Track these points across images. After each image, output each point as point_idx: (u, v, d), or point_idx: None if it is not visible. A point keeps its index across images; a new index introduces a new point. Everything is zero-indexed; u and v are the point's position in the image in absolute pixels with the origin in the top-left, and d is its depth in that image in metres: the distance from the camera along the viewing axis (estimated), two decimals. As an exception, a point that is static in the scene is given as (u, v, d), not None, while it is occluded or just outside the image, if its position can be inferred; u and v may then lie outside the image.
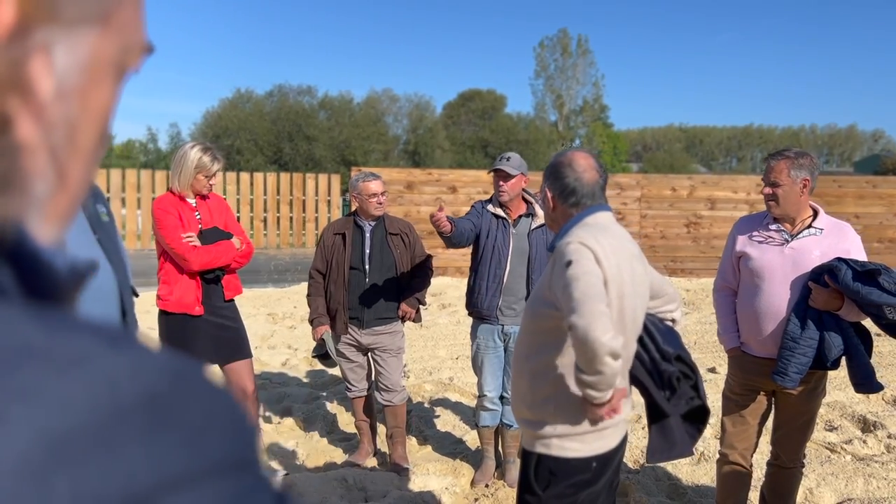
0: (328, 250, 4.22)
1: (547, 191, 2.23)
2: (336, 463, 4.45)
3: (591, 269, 2.01)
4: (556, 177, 2.21)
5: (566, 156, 2.25)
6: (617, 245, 2.12)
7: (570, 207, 2.20)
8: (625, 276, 2.09)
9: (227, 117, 39.74)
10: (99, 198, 3.03)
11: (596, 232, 2.12)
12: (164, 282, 3.75)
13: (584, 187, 2.19)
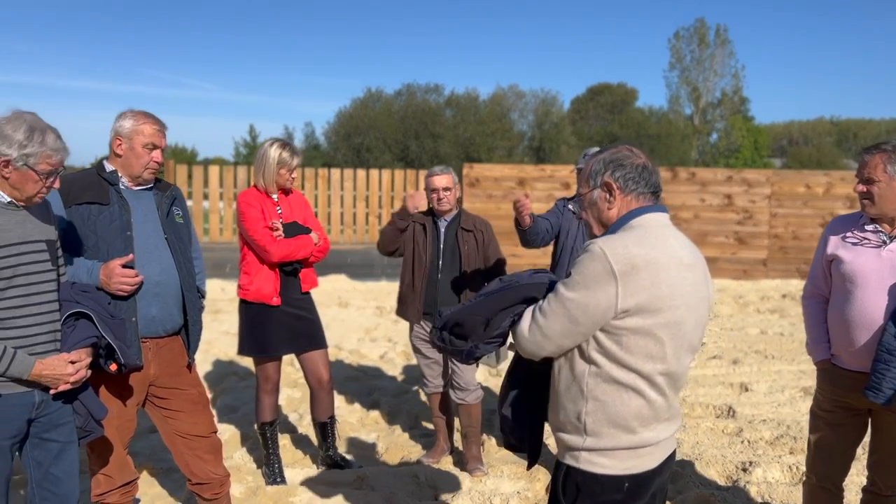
0: (408, 237, 4.21)
1: (609, 181, 2.04)
2: (412, 459, 4.45)
3: (592, 278, 1.89)
4: (619, 163, 2.04)
5: (619, 146, 2.10)
6: (657, 252, 1.94)
7: (638, 198, 2.03)
8: (663, 288, 1.91)
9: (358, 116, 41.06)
10: (177, 201, 3.18)
11: (629, 237, 1.94)
12: (245, 272, 3.90)
13: (651, 174, 2.04)
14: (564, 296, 1.92)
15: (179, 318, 3.08)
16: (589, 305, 1.88)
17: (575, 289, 1.90)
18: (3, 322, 2.36)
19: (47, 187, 2.44)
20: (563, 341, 1.95)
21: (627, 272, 1.87)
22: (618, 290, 1.87)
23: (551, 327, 1.95)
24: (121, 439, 3.01)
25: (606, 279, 1.87)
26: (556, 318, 1.93)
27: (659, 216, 2.03)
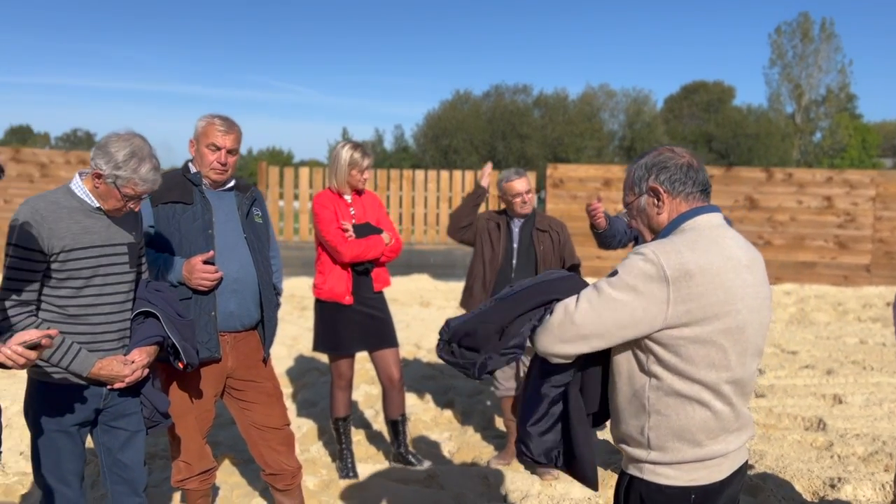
0: (482, 231, 4.22)
1: (655, 186, 1.98)
2: (483, 460, 4.45)
3: (633, 285, 1.82)
4: (662, 165, 1.98)
5: (661, 148, 2.03)
6: (712, 256, 1.86)
7: (686, 199, 1.96)
8: (720, 293, 1.83)
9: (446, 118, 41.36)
10: (257, 202, 3.31)
11: (680, 241, 1.86)
12: (320, 272, 4.01)
13: (697, 173, 1.96)
14: (609, 294, 1.83)
15: (256, 314, 3.20)
16: (636, 309, 1.81)
17: (622, 289, 1.82)
18: (75, 319, 2.50)
19: (126, 208, 2.54)
20: (597, 342, 1.86)
21: (680, 278, 1.80)
22: (669, 296, 1.80)
23: (588, 325, 1.83)
24: (199, 429, 3.15)
25: (658, 284, 1.80)
26: (596, 316, 1.83)
27: (712, 217, 1.95)
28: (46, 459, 2.55)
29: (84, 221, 2.50)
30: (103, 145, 2.48)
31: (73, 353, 2.45)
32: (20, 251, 2.41)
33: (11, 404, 5.11)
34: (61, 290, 2.47)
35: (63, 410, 2.52)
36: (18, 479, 3.96)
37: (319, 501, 3.77)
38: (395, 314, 8.94)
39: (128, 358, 2.57)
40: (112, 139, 2.49)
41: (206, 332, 3.01)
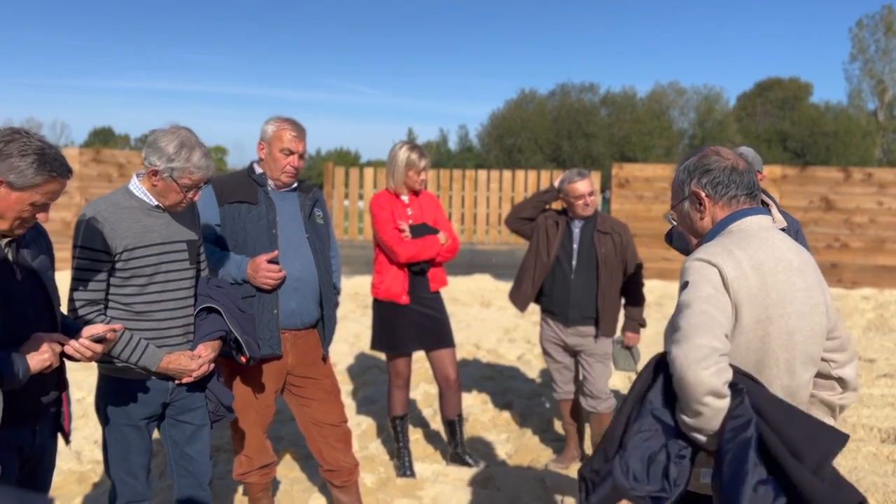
0: (540, 227, 4.19)
1: (696, 190, 1.94)
2: (540, 463, 4.41)
3: (708, 295, 1.74)
4: (705, 168, 1.93)
5: (706, 149, 1.98)
6: (763, 257, 1.80)
7: (729, 202, 1.91)
8: (772, 295, 1.77)
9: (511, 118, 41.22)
10: (318, 203, 3.38)
11: (732, 244, 1.81)
12: (377, 272, 4.06)
13: (741, 176, 1.91)
14: (697, 308, 1.74)
15: (316, 313, 3.26)
16: (710, 301, 1.75)
17: (698, 304, 1.74)
18: (141, 315, 2.59)
19: (187, 199, 2.62)
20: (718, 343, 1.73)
21: (737, 278, 1.76)
22: (731, 298, 1.76)
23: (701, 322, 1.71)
24: (260, 423, 3.23)
25: (719, 289, 1.76)
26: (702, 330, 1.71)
27: (760, 219, 1.89)
28: (115, 452, 2.66)
29: (144, 220, 2.59)
30: (152, 143, 2.57)
31: (141, 348, 2.54)
32: (86, 252, 2.51)
33: (87, 395, 5.35)
34: (126, 288, 2.57)
35: (132, 405, 2.61)
36: (92, 468, 4.14)
37: (377, 499, 3.81)
38: (456, 314, 8.96)
39: (194, 353, 2.65)
40: (159, 135, 2.58)
41: (267, 330, 3.08)
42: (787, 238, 1.91)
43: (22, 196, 2.04)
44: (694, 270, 1.79)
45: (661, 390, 1.78)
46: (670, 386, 1.76)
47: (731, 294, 1.76)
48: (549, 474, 4.13)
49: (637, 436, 1.75)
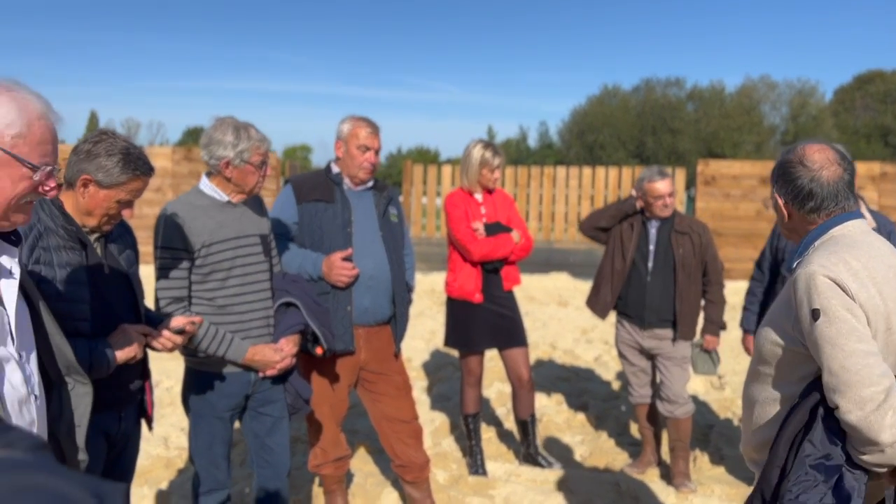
0: (614, 231, 4.10)
1: (777, 197, 1.87)
2: (615, 467, 4.33)
3: (851, 329, 1.64)
4: (786, 178, 1.84)
5: (796, 151, 1.87)
6: (874, 264, 1.70)
7: (809, 214, 1.82)
8: (890, 304, 1.67)
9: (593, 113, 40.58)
10: (393, 201, 3.42)
11: (844, 252, 1.71)
12: (451, 270, 4.07)
13: (823, 188, 1.80)
14: (848, 348, 1.64)
15: (389, 310, 3.30)
16: (855, 332, 1.66)
17: (848, 344, 1.65)
18: (223, 309, 2.69)
19: (262, 176, 2.73)
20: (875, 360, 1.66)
21: (859, 290, 1.67)
22: (863, 313, 1.67)
23: (857, 365, 1.63)
24: (334, 417, 3.30)
25: (855, 312, 1.66)
26: (865, 375, 1.62)
27: (859, 223, 1.79)
28: (199, 441, 2.76)
29: (218, 217, 2.69)
30: (210, 139, 2.68)
31: (227, 341, 2.63)
32: (167, 251, 2.63)
33: (175, 384, 5.59)
34: (208, 283, 2.67)
35: (216, 397, 2.72)
36: (178, 454, 4.32)
37: (448, 496, 3.82)
38: (532, 313, 8.89)
39: (277, 346, 2.73)
40: (211, 132, 2.69)
41: (341, 326, 3.14)
42: (885, 241, 1.80)
43: (109, 194, 2.14)
44: (821, 294, 1.68)
45: (822, 436, 1.69)
46: (830, 425, 1.69)
47: (861, 309, 1.67)
48: (624, 479, 4.04)
49: (795, 487, 1.68)
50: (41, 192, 1.50)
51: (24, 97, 1.46)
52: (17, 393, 1.53)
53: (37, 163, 1.47)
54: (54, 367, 1.73)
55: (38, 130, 1.47)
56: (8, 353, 1.51)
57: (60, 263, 2.11)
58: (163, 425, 4.77)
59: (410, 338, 7.33)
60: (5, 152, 1.43)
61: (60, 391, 1.76)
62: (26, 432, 0.86)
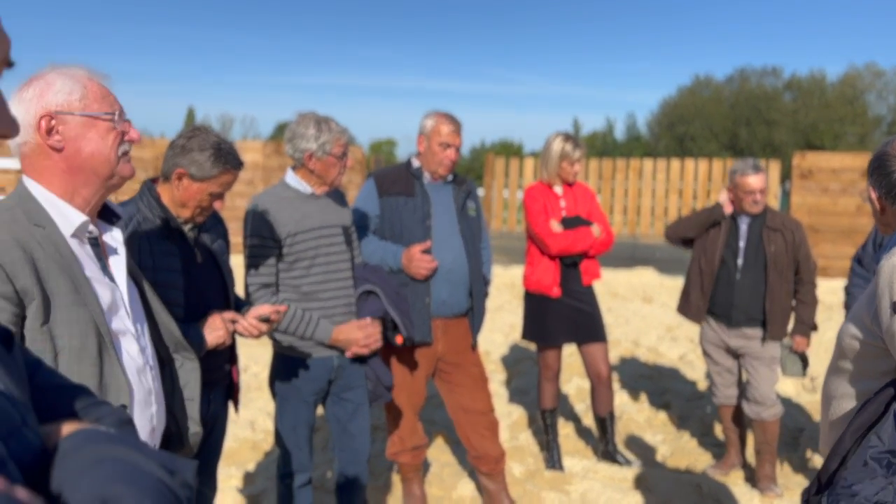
0: (702, 236, 3.98)
1: (871, 190, 1.78)
2: (697, 468, 4.22)
3: None
4: (881, 171, 1.75)
5: (894, 143, 1.77)
6: None
7: None
8: None
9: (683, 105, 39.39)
10: (471, 195, 3.46)
11: None
12: (529, 263, 4.06)
13: None
14: None
15: (466, 302, 3.34)
16: None
17: None
18: (308, 295, 2.79)
19: (343, 167, 2.83)
20: None
21: None
22: None
23: None
24: (412, 406, 3.36)
25: None
26: None
27: None
28: (285, 424, 2.88)
29: (302, 208, 2.80)
30: (294, 133, 2.80)
31: (314, 323, 2.76)
32: (255, 240, 2.76)
33: (263, 370, 5.81)
34: (293, 271, 2.78)
35: (301, 381, 2.83)
36: (264, 437, 4.50)
37: (524, 489, 3.83)
38: (615, 309, 8.75)
39: (361, 323, 2.82)
40: (294, 126, 2.80)
41: (420, 318, 3.20)
42: None
43: (202, 186, 2.26)
44: None
45: (891, 431, 1.62)
46: None
47: None
48: (705, 480, 3.94)
49: (850, 476, 1.61)
50: (127, 139, 1.64)
51: (66, 68, 1.60)
52: (136, 363, 1.65)
53: (109, 111, 1.60)
54: (162, 343, 1.85)
55: (94, 87, 1.61)
56: (124, 326, 1.63)
57: (156, 251, 2.24)
58: (250, 409, 4.97)
59: (489, 331, 7.36)
60: (83, 115, 1.56)
61: (171, 367, 1.88)
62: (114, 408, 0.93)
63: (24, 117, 1.54)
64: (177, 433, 1.88)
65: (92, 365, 1.53)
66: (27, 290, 1.47)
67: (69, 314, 1.51)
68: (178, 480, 0.70)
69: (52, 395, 0.91)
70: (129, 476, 0.66)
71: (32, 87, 1.56)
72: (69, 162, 1.56)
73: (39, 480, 0.70)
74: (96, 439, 0.73)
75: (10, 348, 0.83)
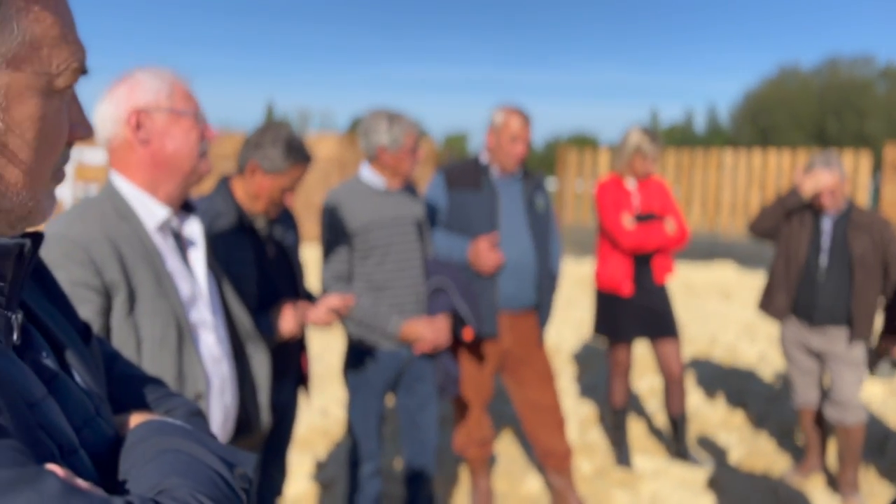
0: (783, 227, 3.83)
1: None
2: (774, 471, 4.08)
3: None
4: None
5: None
6: None
7: None
8: None
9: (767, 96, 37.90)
10: (539, 188, 3.43)
11: None
12: (600, 258, 3.99)
13: None
14: None
15: (533, 297, 3.32)
16: None
17: None
18: (381, 287, 2.85)
19: (416, 159, 2.87)
20: None
21: None
22: None
23: None
24: (479, 400, 3.36)
25: None
26: None
27: None
28: (356, 413, 2.94)
29: (375, 201, 2.85)
30: (367, 128, 2.85)
31: (383, 316, 2.80)
32: (330, 233, 2.82)
33: (335, 359, 5.94)
34: (366, 263, 2.83)
35: (371, 372, 2.88)
36: (335, 425, 4.60)
37: (592, 487, 3.78)
38: (692, 306, 8.52)
39: (431, 320, 2.85)
40: (368, 122, 2.85)
41: (486, 311, 3.19)
42: None
43: (273, 180, 2.33)
44: None
45: None
46: None
47: None
48: (783, 485, 3.81)
49: None
50: (206, 136, 1.71)
51: (153, 70, 1.68)
52: (212, 353, 1.72)
53: (191, 110, 1.68)
54: (235, 334, 1.92)
55: (179, 87, 1.68)
56: (203, 317, 1.71)
57: (231, 244, 2.32)
58: (323, 397, 5.09)
59: (559, 326, 7.29)
60: (169, 111, 1.64)
61: (243, 357, 1.95)
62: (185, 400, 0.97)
63: (114, 113, 1.62)
64: (248, 420, 1.94)
65: (172, 354, 1.60)
66: (115, 283, 1.55)
67: (152, 306, 1.59)
68: (237, 473, 0.73)
69: (126, 386, 0.96)
70: (187, 468, 0.69)
71: (123, 86, 1.65)
72: (154, 156, 1.64)
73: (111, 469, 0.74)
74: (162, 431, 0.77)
75: (87, 341, 0.87)
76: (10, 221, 0.67)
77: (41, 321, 0.78)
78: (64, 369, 0.78)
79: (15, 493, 0.51)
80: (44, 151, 0.67)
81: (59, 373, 0.74)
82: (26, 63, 0.63)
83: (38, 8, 0.64)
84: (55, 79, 0.66)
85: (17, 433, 0.59)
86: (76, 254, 1.52)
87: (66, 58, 0.66)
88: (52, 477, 0.54)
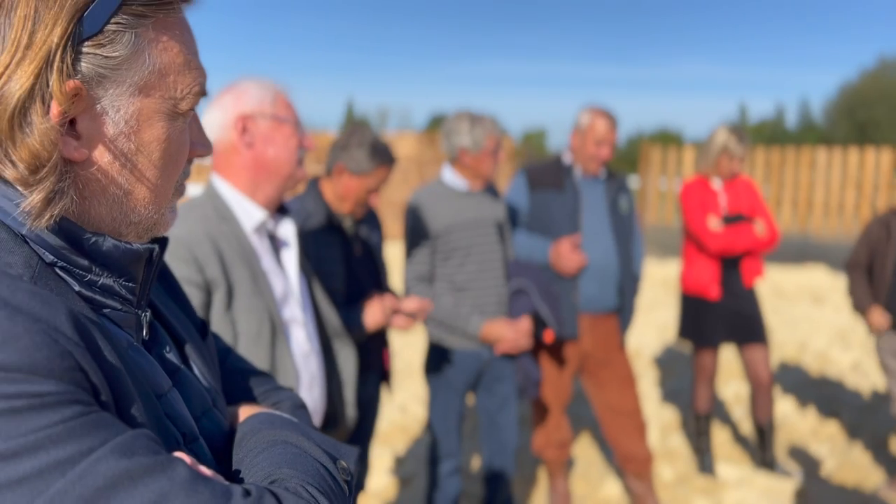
0: (871, 241, 3.68)
1: None
2: (868, 484, 3.89)
3: None
4: None
5: None
6: None
7: None
8: None
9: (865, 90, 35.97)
10: (622, 190, 3.40)
11: None
12: (686, 261, 3.90)
13: None
14: None
15: (615, 300, 3.28)
16: None
17: None
18: (463, 288, 2.88)
19: (496, 160, 2.89)
20: None
21: None
22: None
23: None
24: (558, 402, 3.36)
25: None
26: None
27: None
28: (436, 412, 2.99)
29: (456, 203, 2.88)
30: (449, 130, 2.88)
31: (465, 316, 2.84)
32: (413, 235, 2.88)
33: (415, 356, 6.03)
34: (448, 265, 2.88)
35: (452, 371, 2.93)
36: (414, 421, 4.67)
37: (674, 494, 3.72)
38: (781, 310, 8.21)
39: (512, 322, 2.87)
40: (450, 124, 2.88)
41: (567, 313, 3.18)
42: None
43: (359, 181, 2.40)
44: None
45: None
46: None
47: None
48: (876, 500, 3.64)
49: None
50: (304, 144, 1.79)
51: (257, 79, 1.76)
52: (302, 349, 1.80)
53: (291, 118, 1.76)
54: (323, 331, 2.00)
55: (281, 96, 1.79)
56: (294, 315, 1.79)
57: (320, 243, 2.40)
58: (402, 394, 5.18)
59: (642, 329, 7.16)
60: (273, 118, 1.72)
61: (330, 354, 2.03)
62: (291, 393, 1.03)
63: (222, 118, 1.73)
64: (334, 415, 2.01)
65: (265, 350, 1.68)
66: (215, 280, 1.64)
67: (248, 303, 1.67)
68: (340, 466, 0.77)
69: (237, 379, 1.02)
70: (296, 459, 0.73)
71: (230, 93, 1.75)
72: (256, 160, 1.73)
73: (225, 458, 0.80)
74: (272, 423, 0.82)
75: (204, 337, 0.94)
76: (138, 232, 0.74)
77: (165, 318, 0.85)
78: (184, 363, 0.84)
79: (150, 478, 0.56)
80: (169, 170, 0.73)
81: (181, 366, 0.81)
82: (155, 90, 0.69)
83: (166, 38, 0.70)
84: (179, 102, 0.71)
85: (147, 422, 0.65)
86: (180, 252, 1.61)
87: (189, 83, 0.72)
88: (182, 464, 0.59)
